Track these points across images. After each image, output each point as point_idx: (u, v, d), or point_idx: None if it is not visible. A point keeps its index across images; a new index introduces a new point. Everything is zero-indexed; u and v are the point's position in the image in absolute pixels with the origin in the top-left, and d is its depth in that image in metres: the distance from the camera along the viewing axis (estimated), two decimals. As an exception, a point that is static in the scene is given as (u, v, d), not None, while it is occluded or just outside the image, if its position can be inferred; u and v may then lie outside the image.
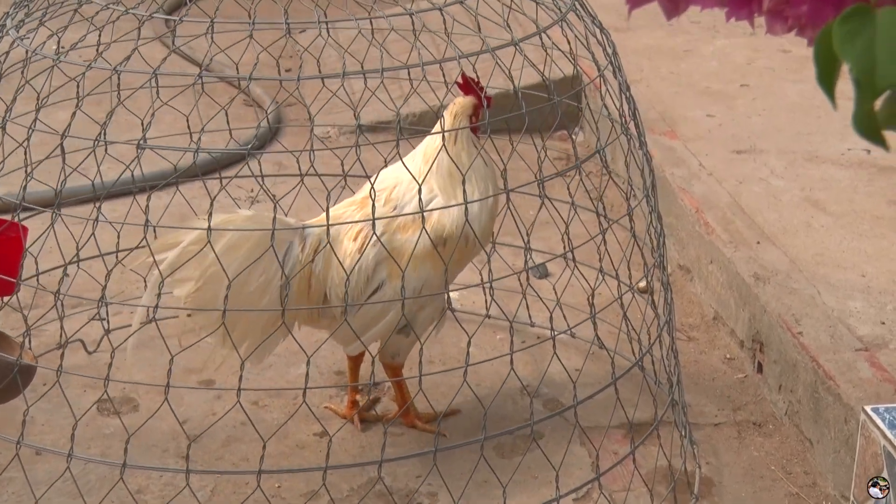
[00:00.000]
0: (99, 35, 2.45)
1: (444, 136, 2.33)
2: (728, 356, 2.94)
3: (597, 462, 2.27)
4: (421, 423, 2.64)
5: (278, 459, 2.53)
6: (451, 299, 2.68)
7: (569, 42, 2.40)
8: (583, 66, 2.53)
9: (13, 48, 2.27)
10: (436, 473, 2.40)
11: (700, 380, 2.85)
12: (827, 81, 0.81)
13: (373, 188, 2.09)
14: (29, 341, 2.45)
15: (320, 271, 2.37)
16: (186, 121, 2.79)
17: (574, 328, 2.65)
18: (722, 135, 3.70)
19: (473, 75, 2.52)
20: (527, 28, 2.54)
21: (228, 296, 2.10)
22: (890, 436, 2.17)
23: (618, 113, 2.40)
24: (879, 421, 2.23)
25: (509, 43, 2.23)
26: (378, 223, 2.30)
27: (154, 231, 2.75)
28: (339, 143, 4.10)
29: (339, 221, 2.36)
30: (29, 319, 2.67)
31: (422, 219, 2.12)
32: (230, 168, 3.77)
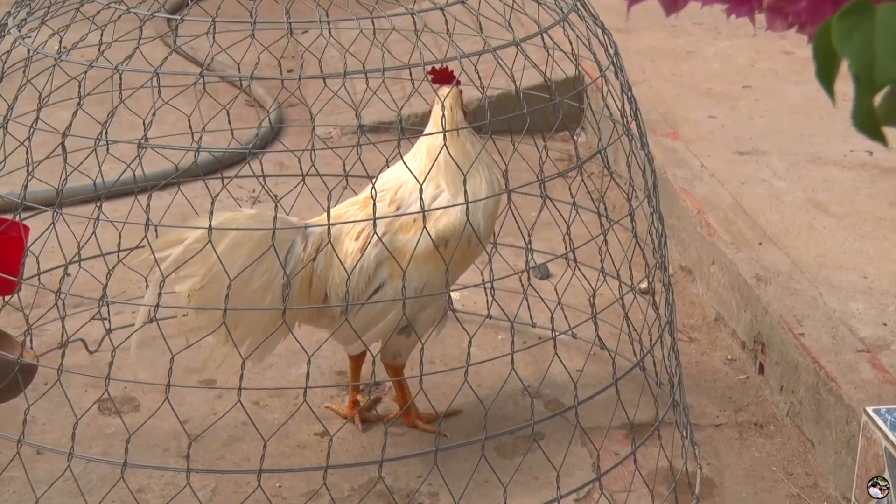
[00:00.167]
0: (101, 34, 2.45)
1: (446, 131, 2.33)
2: (729, 357, 2.94)
3: (598, 462, 2.27)
4: (422, 424, 2.63)
5: (279, 459, 2.53)
6: (453, 300, 2.68)
7: (570, 43, 2.40)
8: (584, 67, 2.53)
9: (14, 47, 2.27)
10: (436, 473, 2.40)
11: (701, 381, 2.85)
12: (826, 77, 0.81)
13: (374, 188, 2.08)
14: (30, 340, 2.45)
15: (322, 271, 2.37)
16: (188, 120, 2.79)
17: (575, 328, 2.65)
18: (724, 136, 3.70)
19: (475, 75, 2.52)
20: (528, 29, 2.54)
21: (231, 294, 2.10)
22: (891, 437, 2.17)
23: (619, 113, 2.39)
24: (881, 422, 2.23)
25: (511, 43, 2.23)
26: (380, 223, 2.30)
27: (156, 230, 2.76)
28: (341, 144, 4.10)
29: (343, 221, 2.36)
30: (30, 319, 2.68)
31: (423, 218, 2.11)
32: (232, 168, 3.77)
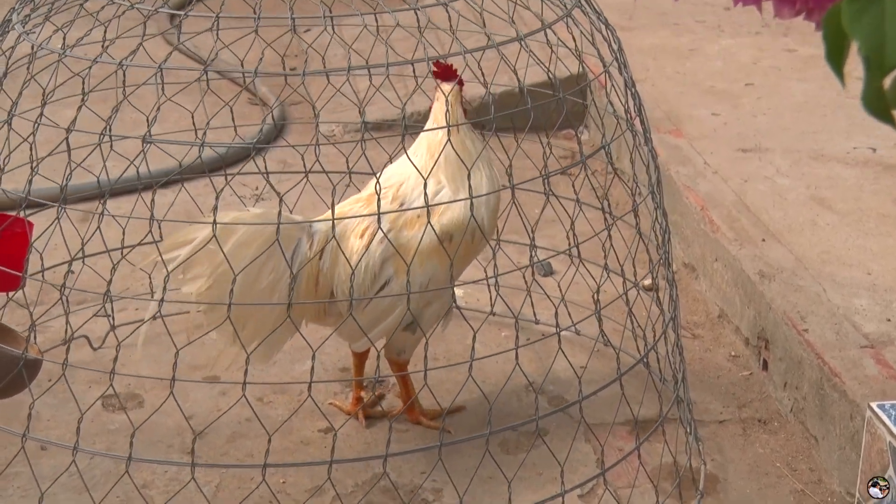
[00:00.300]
0: (104, 31, 2.45)
1: (449, 126, 2.33)
2: (733, 354, 2.93)
3: (602, 458, 2.27)
4: (426, 420, 2.63)
5: (283, 455, 2.53)
6: (456, 297, 2.67)
7: (574, 39, 2.40)
8: (588, 64, 2.53)
9: (19, 43, 2.27)
10: (440, 469, 2.40)
11: (705, 377, 2.85)
12: (836, 59, 0.81)
13: (378, 183, 2.08)
14: (34, 337, 2.46)
15: (327, 269, 2.37)
16: (191, 117, 2.80)
17: (579, 324, 2.65)
18: (727, 133, 3.70)
19: (478, 72, 2.52)
20: (532, 25, 2.54)
21: (239, 294, 2.10)
22: (896, 432, 2.17)
23: (623, 109, 2.39)
24: (885, 417, 2.22)
25: (514, 38, 2.23)
26: (384, 220, 2.30)
27: (159, 226, 2.76)
28: (344, 142, 4.09)
29: (348, 216, 2.36)
30: (33, 315, 2.68)
31: (427, 213, 2.11)
32: (235, 166, 3.77)
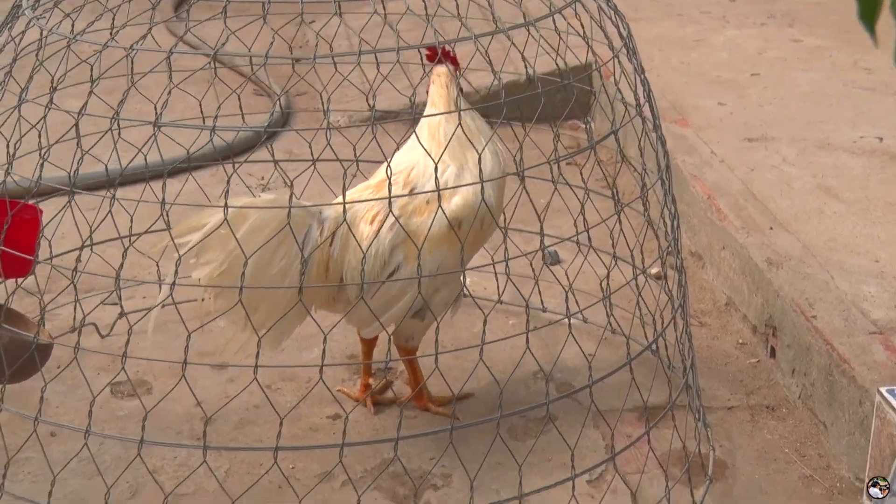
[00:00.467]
0: (113, 18, 2.46)
1: (458, 111, 2.34)
2: (740, 341, 2.94)
3: (612, 442, 2.27)
4: (434, 406, 2.64)
5: (291, 441, 2.53)
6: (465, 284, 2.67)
7: (582, 25, 2.40)
8: (596, 51, 2.53)
9: (29, 28, 2.27)
10: (449, 455, 2.40)
11: (713, 364, 2.85)
12: (868, 18, 0.80)
13: (389, 167, 2.08)
14: (42, 323, 2.46)
15: (338, 255, 2.37)
16: (199, 105, 2.80)
17: (586, 310, 2.66)
18: (733, 123, 3.70)
19: (486, 61, 2.53)
20: (541, 13, 2.54)
21: (251, 279, 2.11)
22: (905, 416, 2.17)
23: (632, 95, 2.39)
24: (895, 402, 2.23)
25: (523, 24, 2.23)
26: (394, 207, 2.31)
27: (167, 214, 2.76)
28: (351, 132, 4.09)
29: (358, 199, 2.36)
30: (43, 302, 2.68)
31: (438, 198, 2.11)
32: (242, 155, 3.77)
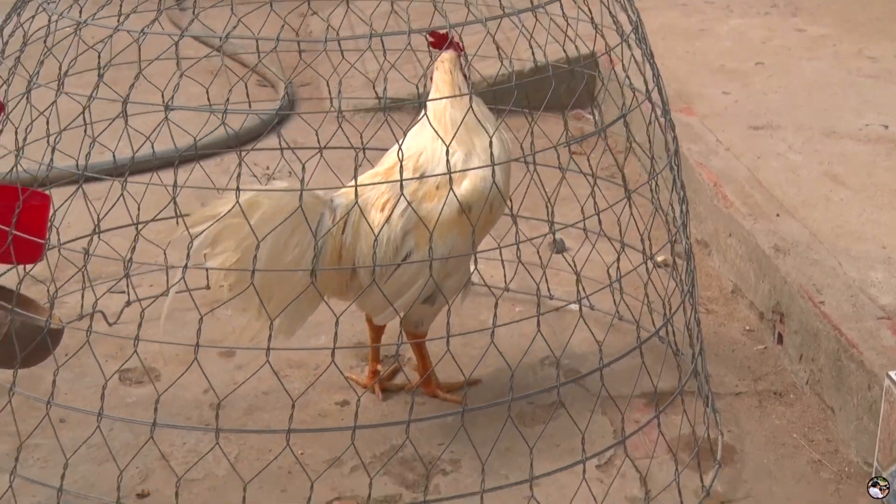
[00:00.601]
0: (120, 5, 2.46)
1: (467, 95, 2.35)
2: (747, 328, 2.94)
3: (622, 426, 2.27)
4: (442, 393, 2.64)
5: (301, 427, 2.53)
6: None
7: (590, 10, 2.40)
8: (603, 38, 2.53)
9: (38, 12, 2.27)
10: (458, 440, 2.40)
11: (720, 351, 2.85)
12: None
13: (400, 150, 2.08)
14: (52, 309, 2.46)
15: (350, 243, 2.38)
16: (206, 93, 2.80)
17: (594, 298, 2.65)
18: (738, 111, 3.70)
19: (494, 45, 2.53)
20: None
21: (266, 268, 2.12)
22: (914, 400, 2.17)
23: (641, 81, 2.39)
24: (904, 386, 2.23)
25: (531, 8, 2.23)
26: (405, 193, 2.32)
27: (176, 203, 2.76)
28: (356, 121, 4.08)
29: (370, 183, 2.36)
30: (51, 290, 2.68)
31: (450, 181, 2.12)
32: (247, 145, 3.77)
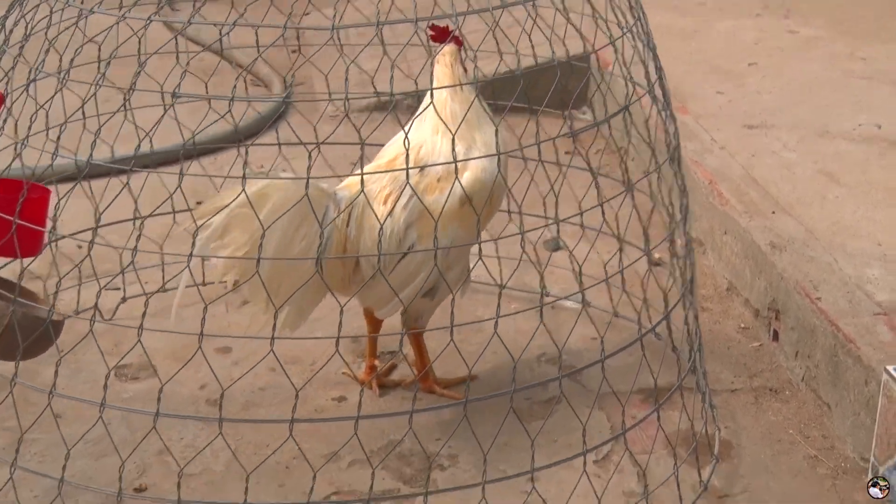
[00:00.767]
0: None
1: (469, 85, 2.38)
2: (742, 325, 2.95)
3: (623, 418, 2.27)
4: (439, 389, 2.64)
5: (297, 424, 2.52)
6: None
7: (591, 3, 2.40)
8: (599, 35, 2.52)
9: (41, 2, 2.27)
10: (456, 436, 2.41)
11: (715, 348, 2.86)
12: None
13: (407, 137, 2.08)
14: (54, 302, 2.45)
15: (354, 236, 2.39)
16: (205, 87, 2.81)
17: (590, 294, 2.66)
18: (733, 111, 3.71)
19: (493, 43, 2.54)
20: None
21: (273, 262, 2.16)
22: (913, 394, 2.18)
23: (643, 72, 2.40)
24: (902, 380, 2.24)
25: (522, 1, 2.22)
26: (406, 187, 2.33)
27: (172, 200, 2.76)
28: (353, 119, 4.08)
29: (377, 171, 2.38)
30: (48, 284, 2.68)
31: (455, 169, 2.12)
32: (246, 142, 3.76)
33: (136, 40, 2.46)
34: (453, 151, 2.12)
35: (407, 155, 2.08)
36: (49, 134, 2.45)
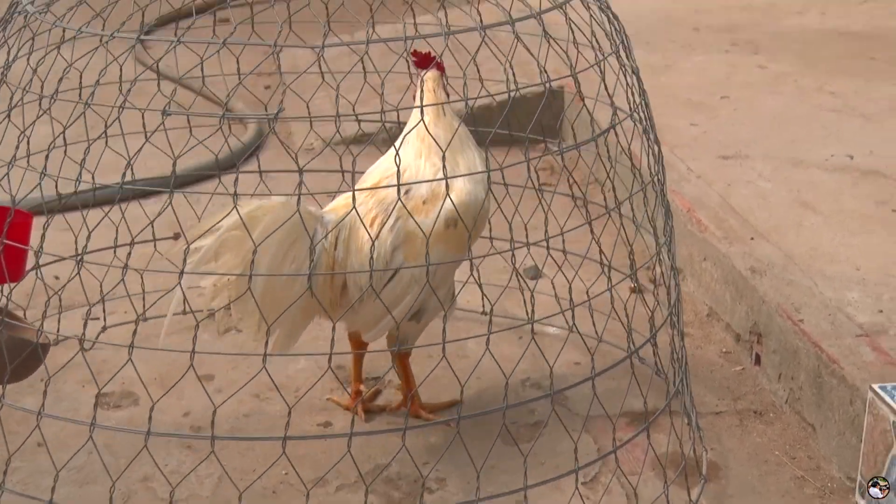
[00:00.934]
0: (103, 24, 2.46)
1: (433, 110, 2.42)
2: (724, 350, 2.96)
3: (613, 435, 2.27)
4: (425, 413, 2.63)
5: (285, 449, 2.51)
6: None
7: (571, 29, 2.42)
8: (581, 61, 2.53)
9: (28, 20, 2.27)
10: (443, 460, 2.40)
11: (698, 373, 2.87)
12: None
13: (397, 154, 2.09)
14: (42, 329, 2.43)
15: (341, 259, 2.39)
16: (187, 119, 2.81)
17: (574, 322, 2.66)
18: (707, 141, 3.75)
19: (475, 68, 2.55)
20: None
21: (264, 283, 2.19)
22: (900, 410, 2.19)
23: (626, 94, 2.42)
24: (888, 398, 2.25)
25: (505, 22, 2.23)
26: (392, 208, 2.34)
27: (153, 228, 2.75)
28: (324, 157, 4.08)
29: (369, 188, 2.38)
30: (27, 314, 2.66)
31: (446, 185, 2.13)
32: (220, 175, 3.75)
33: (117, 68, 2.48)
34: (443, 168, 2.13)
35: (398, 172, 2.08)
36: (30, 161, 2.44)
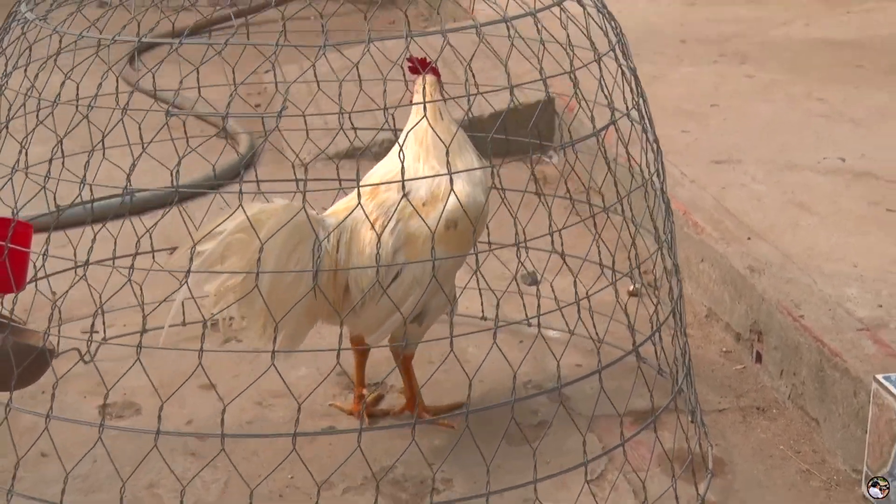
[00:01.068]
0: (100, 31, 2.46)
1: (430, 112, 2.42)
2: (724, 349, 2.97)
3: (621, 428, 2.28)
4: (428, 416, 2.63)
5: (286, 454, 2.50)
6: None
7: (567, 31, 2.43)
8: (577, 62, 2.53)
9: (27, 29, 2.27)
10: (449, 461, 2.40)
11: (699, 372, 2.87)
12: None
13: (402, 151, 2.10)
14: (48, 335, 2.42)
15: (343, 262, 2.39)
16: (184, 128, 2.81)
17: (574, 323, 2.67)
18: (699, 148, 3.77)
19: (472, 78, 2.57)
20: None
21: (269, 286, 2.20)
22: (905, 399, 2.20)
23: (620, 99, 2.43)
24: (892, 388, 2.26)
25: (500, 20, 2.24)
26: (392, 211, 2.35)
27: (151, 238, 2.75)
28: (317, 170, 4.08)
29: (372, 183, 2.39)
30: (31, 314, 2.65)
31: (450, 180, 2.13)
32: (215, 189, 3.75)
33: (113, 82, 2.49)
34: (448, 165, 2.13)
35: (402, 171, 2.09)
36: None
